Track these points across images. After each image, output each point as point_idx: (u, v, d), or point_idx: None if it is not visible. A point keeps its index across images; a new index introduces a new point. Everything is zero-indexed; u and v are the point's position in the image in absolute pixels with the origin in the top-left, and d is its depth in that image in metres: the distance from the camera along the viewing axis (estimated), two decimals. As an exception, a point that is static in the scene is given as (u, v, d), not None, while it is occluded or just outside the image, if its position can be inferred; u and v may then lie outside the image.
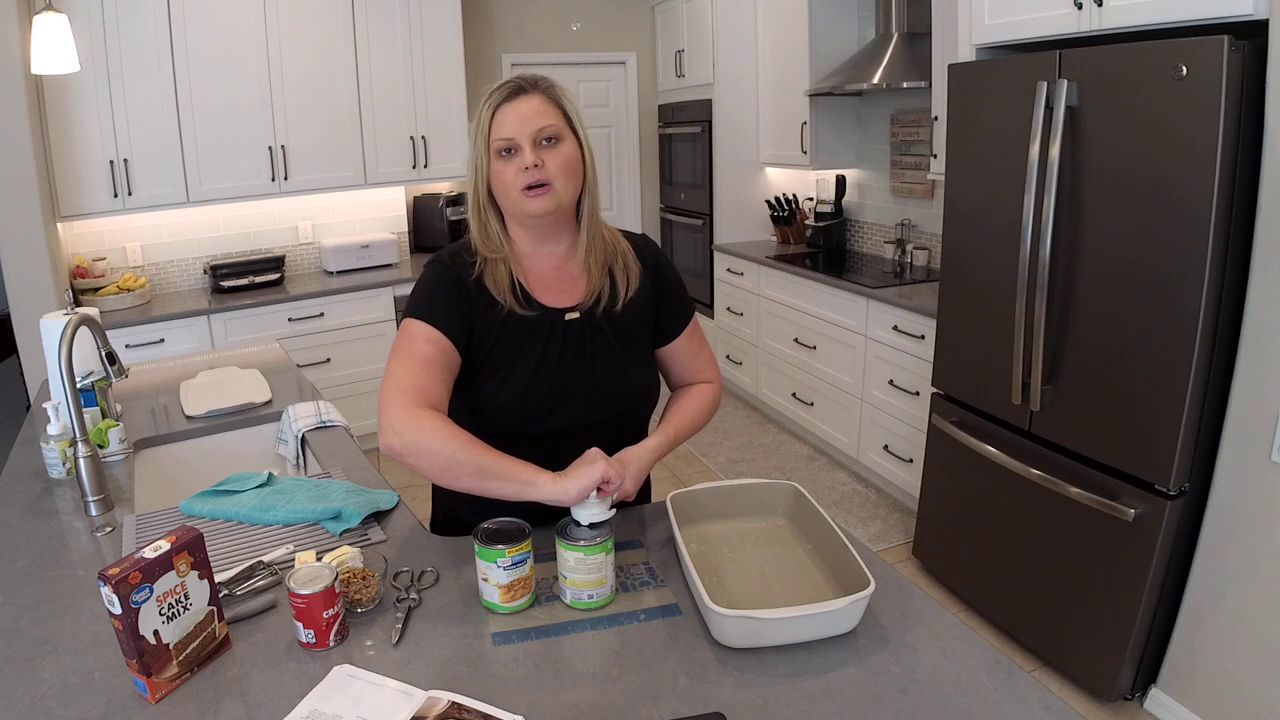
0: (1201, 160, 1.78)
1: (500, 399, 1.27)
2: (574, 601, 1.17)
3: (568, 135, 1.24)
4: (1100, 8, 2.05)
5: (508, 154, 1.22)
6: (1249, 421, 1.88)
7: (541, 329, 1.29)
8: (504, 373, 1.27)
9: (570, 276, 1.34)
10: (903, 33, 3.57)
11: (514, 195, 1.22)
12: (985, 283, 2.43)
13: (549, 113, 1.22)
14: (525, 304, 1.29)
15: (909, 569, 2.91)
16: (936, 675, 1.02)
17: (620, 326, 1.34)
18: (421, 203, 4.57)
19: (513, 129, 1.20)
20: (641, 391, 1.36)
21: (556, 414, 1.29)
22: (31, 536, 1.43)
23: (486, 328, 1.27)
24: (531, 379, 1.27)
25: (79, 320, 1.55)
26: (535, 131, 1.20)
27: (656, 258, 1.41)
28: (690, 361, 1.44)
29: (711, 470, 3.85)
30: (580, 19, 5.04)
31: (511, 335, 1.28)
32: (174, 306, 3.67)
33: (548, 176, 1.21)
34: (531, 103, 1.21)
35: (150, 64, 3.54)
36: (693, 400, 1.42)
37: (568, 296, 1.33)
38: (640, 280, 1.36)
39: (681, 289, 1.43)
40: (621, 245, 1.37)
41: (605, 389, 1.32)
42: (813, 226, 4.39)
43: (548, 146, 1.22)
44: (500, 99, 1.21)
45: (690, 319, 1.43)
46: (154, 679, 0.99)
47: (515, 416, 1.28)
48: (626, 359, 1.34)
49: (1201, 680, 2.05)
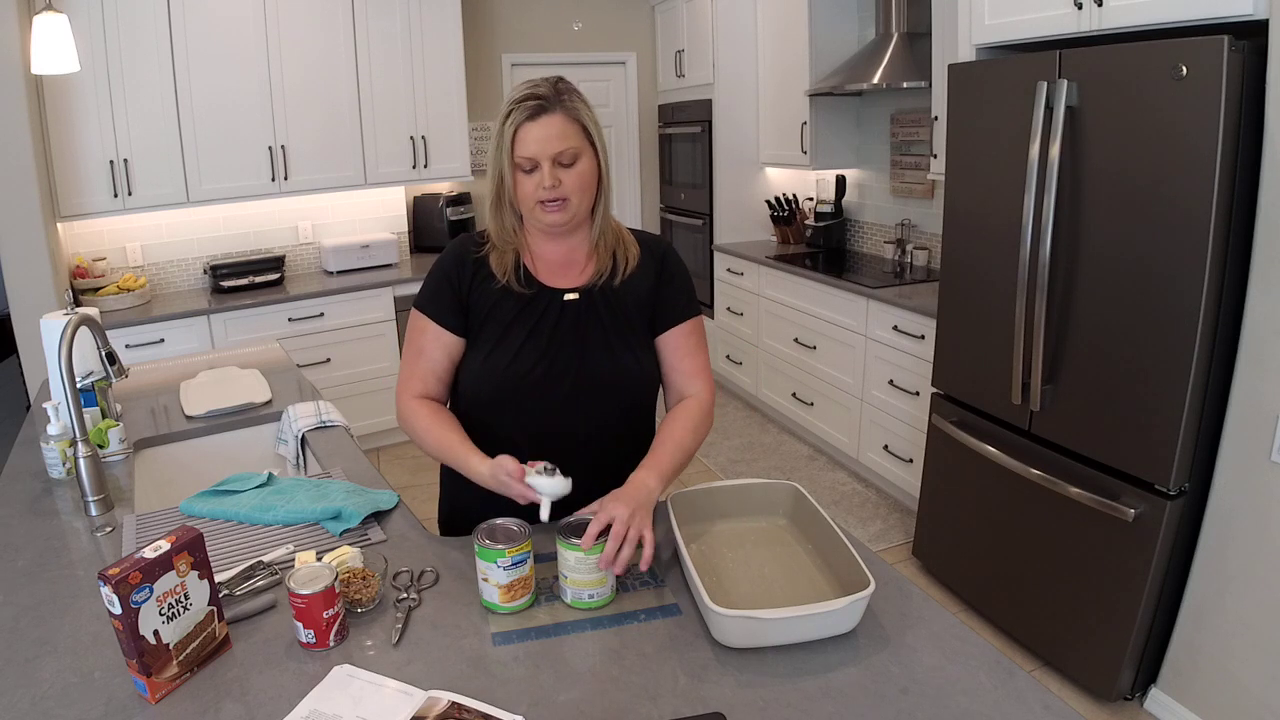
0: (1201, 160, 1.78)
1: (488, 369, 1.33)
2: (574, 601, 1.18)
3: (586, 151, 1.29)
4: (1100, 8, 2.05)
5: (528, 170, 1.28)
6: (1249, 421, 1.88)
7: (537, 306, 1.35)
8: (492, 344, 1.34)
9: (577, 262, 1.40)
10: (903, 33, 3.57)
11: (532, 206, 1.30)
12: (985, 283, 2.43)
13: (569, 133, 1.26)
14: (525, 284, 1.36)
15: (909, 569, 2.91)
16: (936, 675, 1.02)
17: (616, 309, 1.37)
18: (421, 203, 4.57)
19: (534, 149, 1.26)
20: (632, 376, 1.36)
21: (545, 388, 1.32)
22: (31, 536, 1.43)
23: (482, 302, 1.35)
24: (519, 351, 1.33)
25: (79, 320, 1.55)
26: (555, 154, 1.26)
27: (664, 252, 1.44)
28: (683, 360, 1.41)
29: (711, 470, 3.85)
30: (580, 19, 5.04)
31: (505, 309, 1.35)
32: (174, 306, 3.67)
33: (565, 193, 1.29)
34: (553, 124, 1.25)
35: (150, 64, 3.54)
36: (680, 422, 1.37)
37: (571, 279, 1.38)
38: (642, 264, 1.40)
39: (686, 284, 1.44)
40: (623, 232, 1.43)
41: (593, 370, 1.34)
42: (813, 226, 4.39)
43: (566, 166, 1.28)
44: (523, 118, 1.25)
45: (691, 316, 1.43)
46: (154, 679, 0.99)
47: (502, 387, 1.32)
48: (617, 340, 1.36)
49: (1201, 680, 2.05)
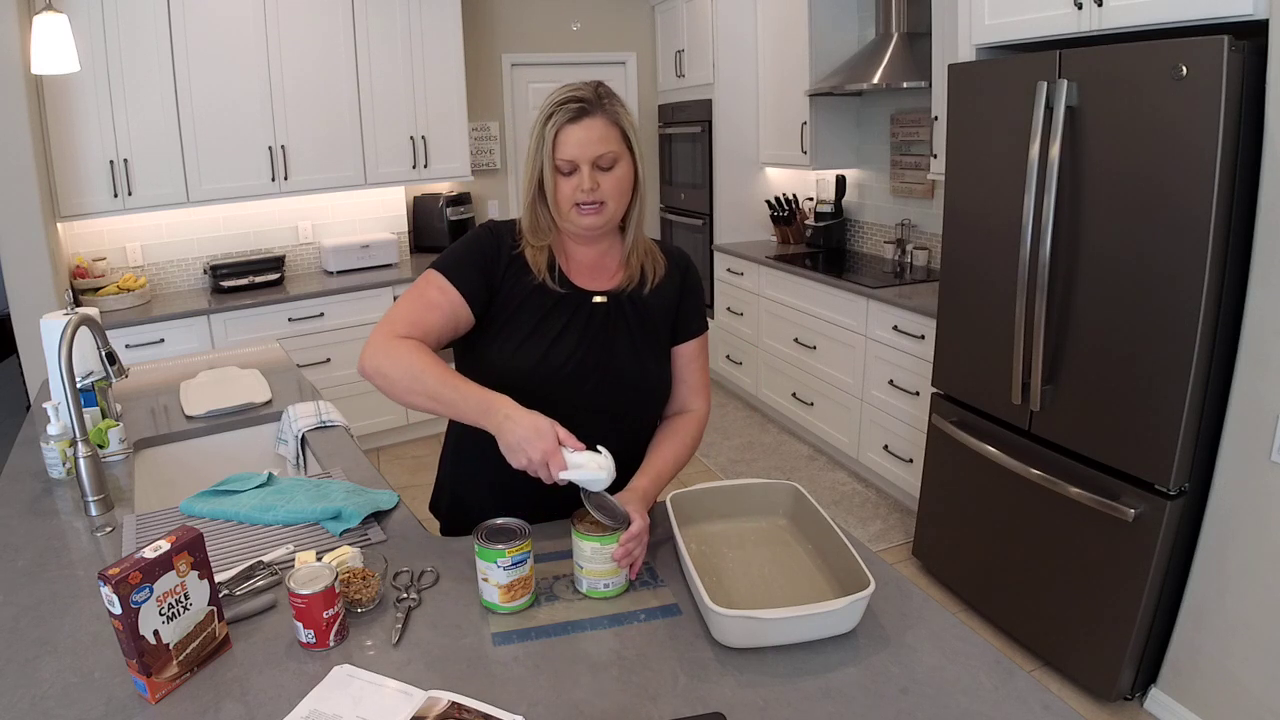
0: (1201, 160, 1.78)
1: (518, 360, 1.32)
2: (590, 591, 1.18)
3: (624, 156, 1.30)
4: (1100, 8, 2.05)
5: (567, 173, 1.28)
6: (1249, 421, 1.88)
7: (569, 305, 1.36)
8: (524, 336, 1.33)
9: (608, 268, 1.41)
10: (903, 33, 3.57)
11: (568, 209, 1.30)
12: (985, 283, 2.43)
13: (610, 137, 1.27)
14: (558, 282, 1.36)
15: (909, 569, 2.91)
16: (936, 675, 1.02)
17: (644, 316, 1.39)
18: (422, 203, 4.57)
19: (574, 152, 1.26)
20: (655, 382, 1.40)
21: (570, 386, 1.33)
22: (31, 536, 1.43)
23: (513, 292, 1.34)
24: (550, 348, 1.33)
25: (79, 320, 1.55)
26: (595, 157, 1.27)
27: (687, 266, 1.48)
28: (689, 373, 1.46)
29: (711, 470, 3.85)
30: (580, 19, 5.04)
31: (537, 304, 1.34)
32: (174, 306, 3.67)
33: (602, 197, 1.29)
34: (594, 128, 1.26)
35: (150, 64, 3.54)
36: (679, 440, 1.41)
37: (601, 283, 1.40)
38: (669, 275, 1.43)
39: (702, 299, 1.49)
40: (650, 244, 1.45)
41: (618, 372, 1.36)
42: (813, 226, 4.39)
43: (604, 170, 1.28)
44: (564, 120, 1.25)
45: (703, 331, 1.48)
46: (154, 679, 0.99)
47: (530, 380, 1.32)
48: (644, 348, 1.38)
49: (1201, 680, 2.05)
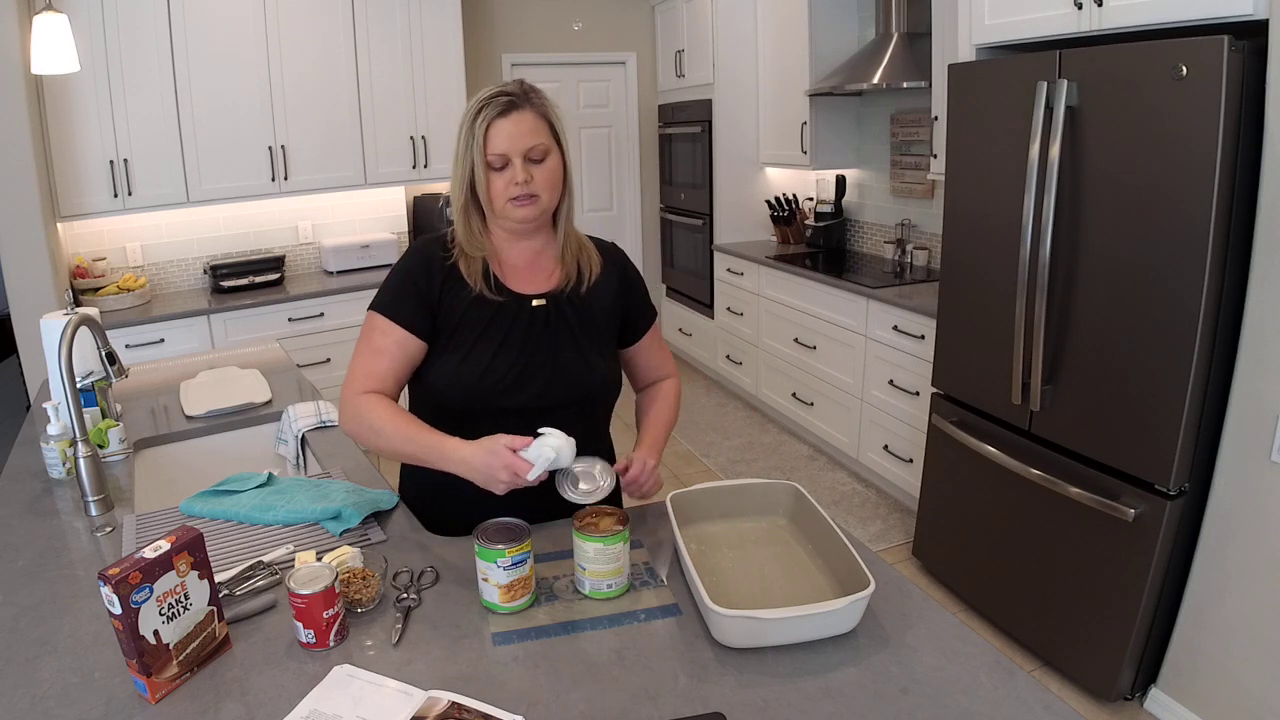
0: (1201, 160, 1.78)
1: (462, 376, 1.34)
2: (593, 591, 1.19)
3: (554, 149, 1.33)
4: (1100, 8, 2.05)
5: (499, 167, 1.30)
6: (1249, 421, 1.88)
7: (508, 313, 1.37)
8: (466, 351, 1.35)
9: (544, 269, 1.42)
10: (903, 33, 3.57)
11: (503, 204, 1.32)
12: (985, 283, 2.43)
13: (539, 130, 1.30)
14: (495, 290, 1.37)
15: (909, 569, 2.91)
16: (936, 675, 1.02)
17: (585, 316, 1.41)
18: (421, 203, 4.57)
19: (505, 145, 1.28)
20: (602, 380, 1.42)
21: (516, 393, 1.35)
22: (31, 536, 1.43)
23: (453, 308, 1.36)
24: (493, 359, 1.35)
25: (79, 320, 1.55)
26: (526, 150, 1.29)
27: (624, 261, 1.52)
28: (655, 357, 1.56)
29: (711, 470, 3.85)
30: (580, 19, 5.04)
31: (477, 317, 1.36)
32: (174, 306, 3.67)
33: (535, 189, 1.31)
34: (524, 120, 1.29)
35: (150, 64, 3.54)
36: (664, 402, 1.54)
37: (538, 285, 1.41)
38: (605, 273, 1.45)
39: (644, 288, 1.54)
40: (583, 239, 1.47)
41: (565, 374, 1.38)
42: (813, 226, 4.39)
43: (536, 163, 1.31)
44: (494, 114, 1.28)
45: (654, 318, 1.55)
46: (154, 679, 0.99)
47: (475, 394, 1.34)
48: (589, 347, 1.41)
49: (1201, 680, 2.05)
